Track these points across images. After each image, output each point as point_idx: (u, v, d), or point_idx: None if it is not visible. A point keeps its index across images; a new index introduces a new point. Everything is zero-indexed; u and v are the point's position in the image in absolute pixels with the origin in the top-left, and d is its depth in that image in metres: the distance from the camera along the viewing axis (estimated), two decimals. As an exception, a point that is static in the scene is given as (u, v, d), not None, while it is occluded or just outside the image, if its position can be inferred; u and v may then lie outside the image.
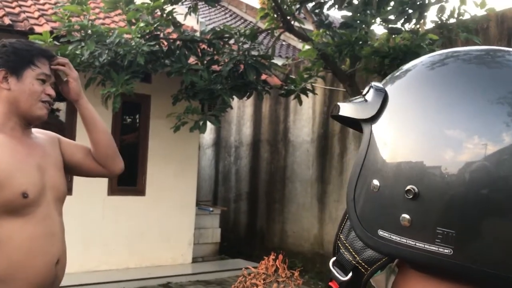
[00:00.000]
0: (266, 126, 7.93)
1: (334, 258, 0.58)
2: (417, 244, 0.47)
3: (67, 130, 5.48)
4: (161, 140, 6.33)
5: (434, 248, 0.46)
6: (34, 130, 1.74)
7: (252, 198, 8.06)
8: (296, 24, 5.11)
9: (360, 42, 4.26)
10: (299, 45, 10.34)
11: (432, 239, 0.46)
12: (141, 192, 6.27)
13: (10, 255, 1.46)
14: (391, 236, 0.49)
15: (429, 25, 4.33)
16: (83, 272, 5.58)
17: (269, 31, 5.27)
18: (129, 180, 6.24)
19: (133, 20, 4.57)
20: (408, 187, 0.47)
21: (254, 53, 5.03)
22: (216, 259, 7.14)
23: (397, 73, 0.55)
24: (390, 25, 4.14)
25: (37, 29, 4.94)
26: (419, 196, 0.46)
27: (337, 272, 0.56)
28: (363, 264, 0.53)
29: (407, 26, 4.13)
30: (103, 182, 5.95)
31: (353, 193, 0.53)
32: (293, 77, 5.59)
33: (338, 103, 0.57)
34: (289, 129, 7.48)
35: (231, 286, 2.85)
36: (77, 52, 4.20)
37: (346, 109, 0.56)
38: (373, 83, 0.55)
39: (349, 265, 0.55)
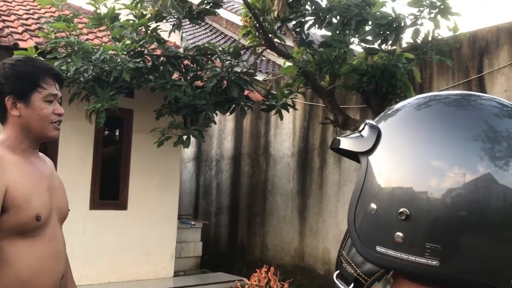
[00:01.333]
0: (247, 140, 8.03)
1: (337, 272, 0.66)
2: (409, 257, 0.55)
3: (49, 146, 5.49)
4: (143, 154, 6.36)
5: (423, 260, 0.54)
6: (41, 154, 1.78)
7: (233, 212, 8.12)
8: (277, 41, 5.26)
9: (339, 61, 4.42)
10: (279, 60, 10.52)
11: (421, 253, 0.54)
12: (123, 206, 6.28)
13: (20, 273, 1.52)
14: (388, 251, 0.57)
15: (405, 45, 4.51)
16: (64, 287, 5.54)
17: (251, 48, 5.40)
18: (111, 194, 6.24)
19: (118, 37, 4.65)
20: (401, 210, 0.55)
21: (237, 69, 5.15)
22: (197, 272, 7.15)
23: (389, 112, 0.64)
24: (367, 45, 4.31)
25: (22, 44, 4.96)
26: (410, 217, 0.55)
27: (341, 284, 0.64)
28: (363, 276, 0.62)
29: (384, 47, 4.30)
30: (85, 196, 5.94)
31: (353, 215, 0.61)
32: (274, 92, 5.73)
33: (338, 137, 0.66)
34: (270, 143, 7.60)
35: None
36: (63, 68, 4.25)
37: (345, 143, 0.64)
38: (367, 121, 0.64)
39: (351, 277, 0.63)
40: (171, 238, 6.65)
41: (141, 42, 4.65)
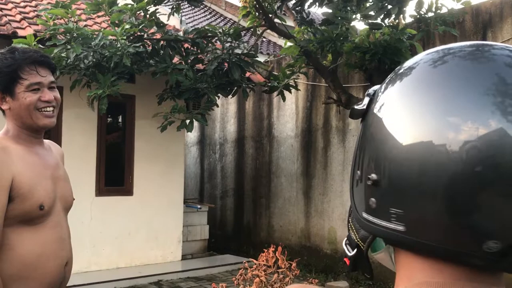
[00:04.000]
0: (250, 123, 8.01)
1: (346, 238, 0.67)
2: (382, 222, 0.56)
3: (52, 134, 5.48)
4: (147, 140, 6.36)
5: (391, 225, 0.54)
6: (47, 142, 1.80)
7: (238, 194, 8.14)
8: (278, 21, 5.20)
9: (341, 38, 4.36)
10: (279, 41, 10.44)
11: (389, 218, 0.54)
12: (128, 192, 6.30)
13: (24, 258, 1.55)
14: (369, 217, 0.58)
15: (408, 20, 4.44)
16: (73, 274, 5.55)
17: (252, 29, 5.35)
18: (116, 180, 6.26)
19: (116, 22, 4.60)
20: (370, 175, 0.56)
21: (237, 51, 5.10)
22: (205, 255, 7.20)
23: (400, 71, 0.61)
24: (370, 21, 4.25)
25: (20, 32, 4.92)
26: (378, 182, 0.55)
27: (347, 249, 0.65)
28: (360, 241, 0.63)
29: (387, 21, 4.24)
30: (91, 183, 5.96)
31: (351, 182, 0.62)
32: (276, 73, 5.68)
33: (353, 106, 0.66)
34: (273, 125, 7.57)
35: (232, 279, 2.93)
36: (63, 55, 4.22)
37: (352, 112, 0.65)
38: (370, 89, 0.64)
39: (353, 242, 0.64)
40: (177, 222, 6.68)
41: (140, 27, 4.61)
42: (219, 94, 5.32)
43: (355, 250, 0.63)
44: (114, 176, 6.25)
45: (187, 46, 5.22)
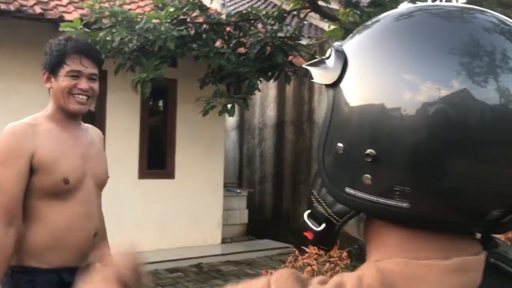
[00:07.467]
0: (290, 108, 7.93)
1: (308, 211, 0.63)
2: (379, 199, 0.51)
3: (97, 117, 5.59)
4: (188, 124, 6.39)
5: (393, 202, 0.51)
6: (87, 125, 1.96)
7: (277, 180, 8.11)
8: (321, 3, 5.07)
9: (389, 21, 4.21)
10: (321, 24, 10.25)
11: (391, 195, 0.51)
12: (170, 175, 6.37)
13: (55, 231, 1.73)
14: (357, 193, 0.53)
15: (461, 0, 4.25)
16: (117, 254, 5.71)
17: (295, 12, 5.25)
18: (158, 164, 6.34)
19: (160, 5, 4.60)
20: (367, 151, 0.51)
21: (280, 34, 5.02)
22: (244, 239, 7.24)
23: (367, 23, 0.57)
24: (418, 2, 4.08)
25: (67, 16, 5.00)
26: (377, 158, 0.50)
27: (312, 223, 0.61)
28: (335, 216, 0.58)
29: (439, 1, 4.07)
30: (134, 166, 6.06)
31: (322, 155, 0.57)
32: (318, 57, 5.57)
33: (308, 67, 0.59)
34: (314, 110, 7.47)
35: (281, 266, 2.92)
36: (108, 38, 4.26)
37: (316, 76, 0.58)
38: (334, 44, 0.57)
39: (322, 217, 0.60)
40: (217, 205, 6.72)
41: (184, 10, 4.59)
42: (260, 78, 5.27)
43: (324, 225, 0.59)
44: (156, 159, 6.33)
45: (229, 30, 5.18)
